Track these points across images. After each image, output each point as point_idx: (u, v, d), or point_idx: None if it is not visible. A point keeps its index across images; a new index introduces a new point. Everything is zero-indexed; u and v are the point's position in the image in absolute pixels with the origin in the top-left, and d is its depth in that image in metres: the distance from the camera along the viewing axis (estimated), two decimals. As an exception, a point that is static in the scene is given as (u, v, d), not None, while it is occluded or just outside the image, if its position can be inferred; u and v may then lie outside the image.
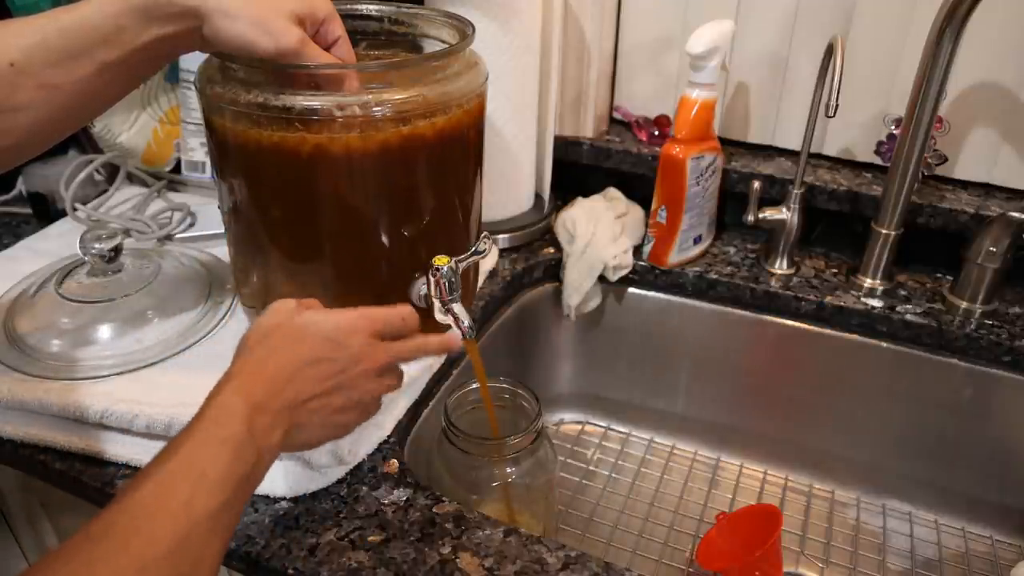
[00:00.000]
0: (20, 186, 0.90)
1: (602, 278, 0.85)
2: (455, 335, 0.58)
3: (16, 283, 0.73)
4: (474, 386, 0.66)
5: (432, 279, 0.59)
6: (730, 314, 0.84)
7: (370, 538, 0.53)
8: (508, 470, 0.63)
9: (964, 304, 0.77)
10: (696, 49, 0.74)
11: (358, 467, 0.58)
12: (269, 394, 0.45)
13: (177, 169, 0.95)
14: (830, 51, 0.71)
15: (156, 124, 0.94)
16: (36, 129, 0.49)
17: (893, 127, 0.82)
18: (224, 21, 0.48)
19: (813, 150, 0.87)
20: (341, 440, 0.55)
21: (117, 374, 0.63)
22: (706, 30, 0.75)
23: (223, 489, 0.40)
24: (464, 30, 0.63)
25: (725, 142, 0.90)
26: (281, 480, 0.55)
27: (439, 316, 0.61)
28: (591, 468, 0.89)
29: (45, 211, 0.88)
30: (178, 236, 0.83)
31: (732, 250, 0.88)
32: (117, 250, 0.69)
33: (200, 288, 0.72)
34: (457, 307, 0.61)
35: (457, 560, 0.51)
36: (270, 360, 0.46)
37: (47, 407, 0.59)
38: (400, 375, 0.54)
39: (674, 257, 0.84)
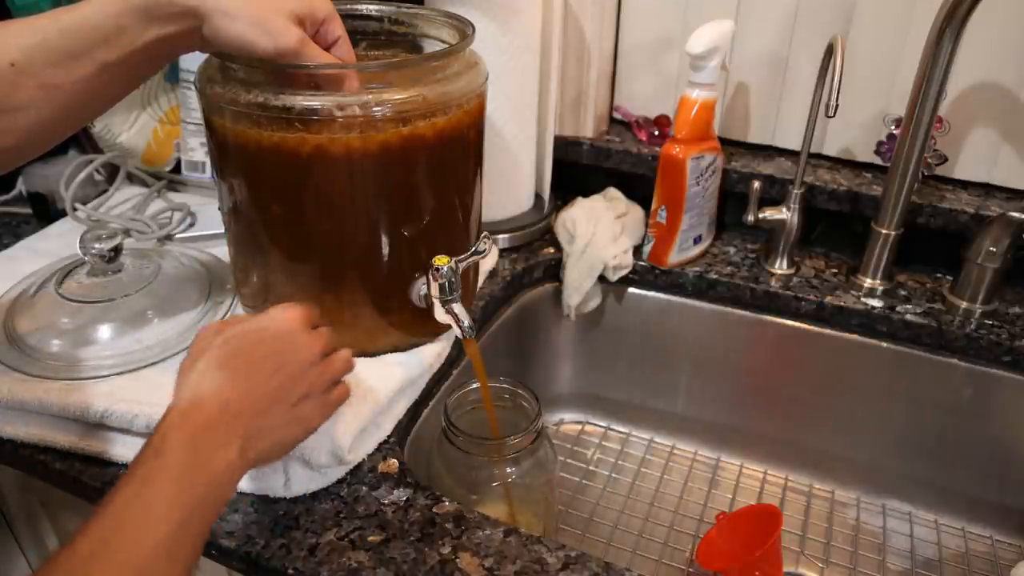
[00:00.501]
0: (20, 186, 0.90)
1: (602, 278, 0.85)
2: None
3: (16, 283, 0.73)
4: (474, 386, 0.66)
5: (432, 279, 0.59)
6: (730, 314, 0.84)
7: (370, 538, 0.53)
8: (508, 470, 0.63)
9: (964, 304, 0.77)
10: (696, 49, 0.74)
11: (358, 467, 0.58)
12: (213, 411, 0.44)
13: (177, 169, 0.95)
14: (830, 51, 0.71)
15: (156, 124, 0.94)
16: (37, 129, 0.49)
17: (893, 127, 0.82)
18: (224, 21, 0.48)
19: (813, 150, 0.87)
20: (341, 440, 0.55)
21: (117, 374, 0.62)
22: (706, 30, 0.75)
23: (171, 517, 0.39)
24: (464, 30, 0.63)
25: (725, 142, 0.90)
26: (281, 480, 0.55)
27: (439, 316, 0.61)
28: (591, 468, 0.89)
29: (45, 211, 0.88)
30: (178, 236, 0.83)
31: (732, 250, 0.88)
32: (117, 250, 0.69)
33: (200, 288, 0.72)
34: (457, 307, 0.61)
35: (457, 560, 0.51)
36: (204, 381, 0.45)
37: (47, 407, 0.59)
38: (344, 364, 0.53)
39: (674, 257, 0.84)
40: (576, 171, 0.94)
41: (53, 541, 0.78)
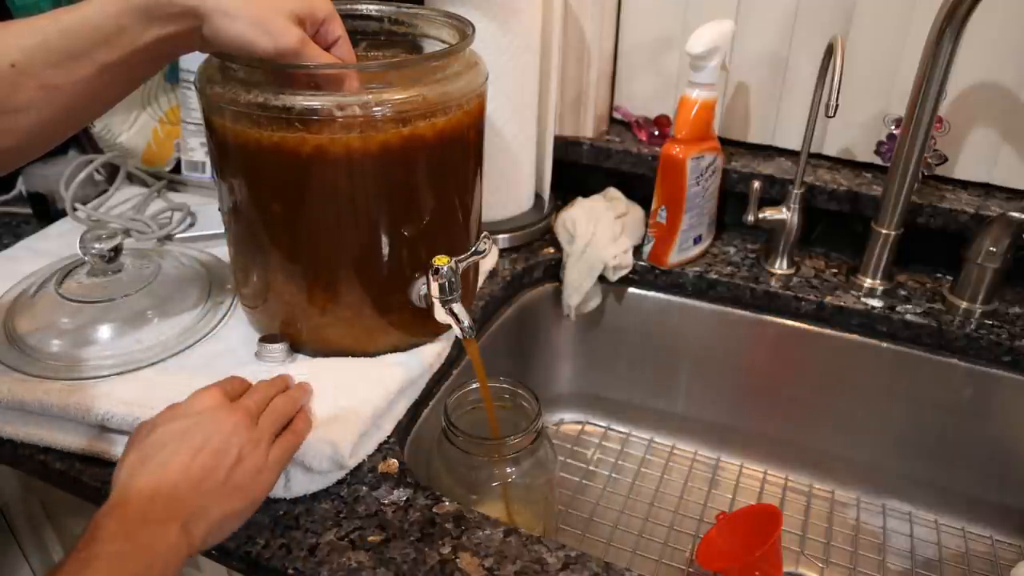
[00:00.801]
0: (20, 186, 0.90)
1: (602, 278, 0.85)
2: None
3: (16, 283, 0.73)
4: (474, 386, 0.66)
5: (432, 279, 0.59)
6: (730, 314, 0.84)
7: (370, 538, 0.53)
8: (508, 470, 0.63)
9: (964, 304, 0.77)
10: (696, 49, 0.74)
11: (358, 467, 0.58)
12: (145, 499, 0.45)
13: (177, 169, 0.95)
14: (830, 51, 0.71)
15: (156, 124, 0.94)
16: (37, 130, 0.49)
17: (893, 127, 0.82)
18: (224, 21, 0.48)
19: (813, 150, 0.87)
20: (342, 446, 0.55)
21: (117, 374, 0.63)
22: (706, 30, 0.75)
23: None
24: (464, 30, 0.63)
25: (725, 142, 0.90)
26: (282, 481, 0.55)
27: (439, 316, 0.61)
28: (591, 468, 0.89)
29: (45, 211, 0.88)
30: (178, 236, 0.83)
31: (732, 250, 0.88)
32: (117, 250, 0.69)
33: (200, 288, 0.72)
34: (457, 307, 0.61)
35: (457, 560, 0.51)
36: (134, 473, 0.46)
37: (47, 407, 0.59)
38: (279, 415, 0.54)
39: (674, 257, 0.84)
40: (576, 171, 0.94)
41: (54, 541, 0.78)
